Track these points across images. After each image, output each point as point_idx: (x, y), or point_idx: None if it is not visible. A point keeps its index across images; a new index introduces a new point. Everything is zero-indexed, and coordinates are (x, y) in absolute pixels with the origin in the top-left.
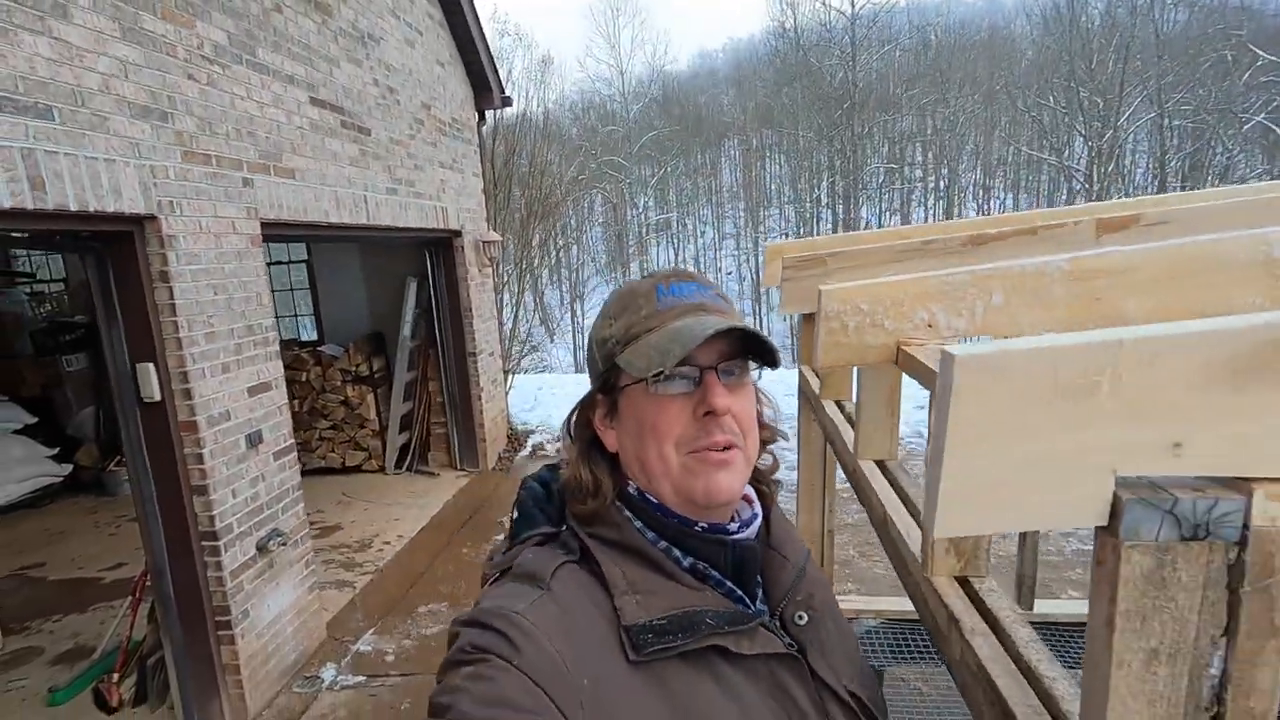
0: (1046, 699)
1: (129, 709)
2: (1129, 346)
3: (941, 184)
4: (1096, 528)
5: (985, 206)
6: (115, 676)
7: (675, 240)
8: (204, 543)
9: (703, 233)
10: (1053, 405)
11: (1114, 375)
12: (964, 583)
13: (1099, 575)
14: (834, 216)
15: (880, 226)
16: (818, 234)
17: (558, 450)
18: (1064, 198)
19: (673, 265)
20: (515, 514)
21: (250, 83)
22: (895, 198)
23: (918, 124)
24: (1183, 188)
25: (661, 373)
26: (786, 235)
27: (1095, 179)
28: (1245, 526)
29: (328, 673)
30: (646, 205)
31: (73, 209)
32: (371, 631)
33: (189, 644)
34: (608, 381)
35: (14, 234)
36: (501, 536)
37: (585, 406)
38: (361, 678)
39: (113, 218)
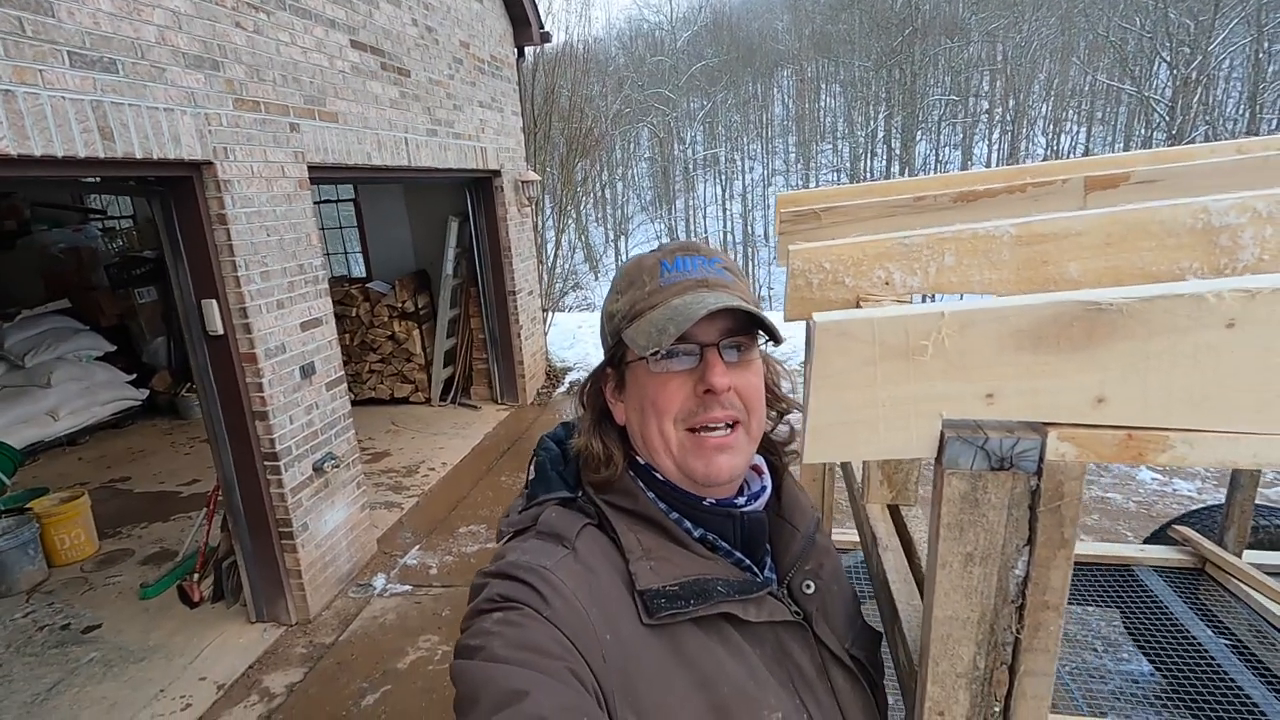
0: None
1: (208, 604)
2: (949, 317)
3: (1008, 117)
4: (935, 459)
5: (1055, 142)
6: (196, 576)
7: (723, 176)
8: (266, 462)
9: (751, 168)
10: (891, 362)
11: (937, 339)
12: (894, 510)
13: (933, 497)
14: (888, 152)
15: (938, 162)
16: (871, 170)
17: None
18: (1142, 132)
19: (685, 218)
20: (532, 474)
21: (294, 28)
22: (956, 132)
23: (986, 51)
24: (1279, 122)
25: (659, 351)
26: (838, 172)
27: (1178, 111)
28: (1041, 460)
29: (378, 581)
30: (694, 140)
31: (138, 156)
32: (417, 548)
33: (257, 551)
34: (616, 355)
35: (88, 179)
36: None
37: (597, 378)
38: (408, 587)
39: (173, 164)
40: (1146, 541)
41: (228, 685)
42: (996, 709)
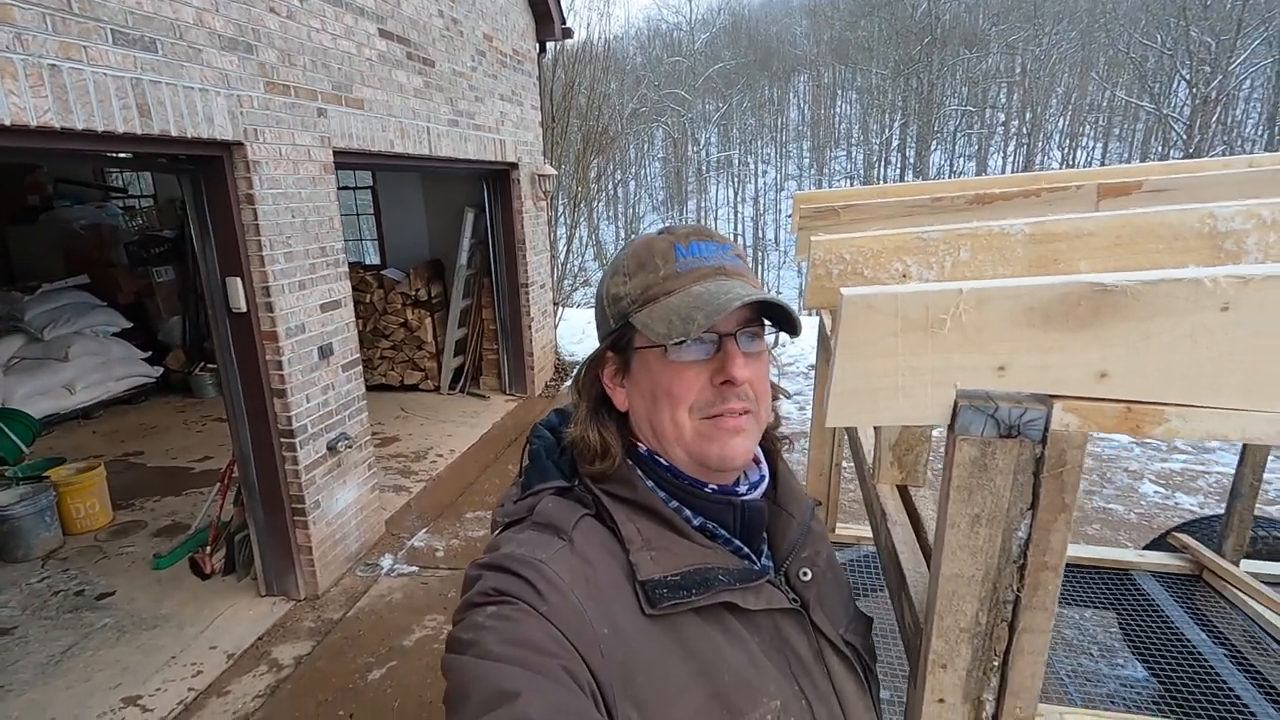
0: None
1: (220, 577)
2: (966, 293)
3: (1025, 129)
4: (948, 426)
5: (1071, 156)
6: (208, 549)
7: (736, 179)
8: (282, 439)
9: (764, 172)
10: (911, 334)
11: (955, 314)
12: (904, 491)
13: (945, 462)
14: (903, 160)
15: (953, 172)
16: (884, 178)
17: None
18: (1159, 149)
19: (697, 219)
20: (526, 462)
21: (325, 15)
22: (972, 142)
23: (1004, 63)
24: None
25: (684, 340)
26: (851, 179)
27: (1196, 130)
28: (1046, 429)
29: (386, 561)
30: (708, 141)
31: (173, 134)
32: (424, 530)
33: (270, 526)
34: (620, 340)
35: (122, 155)
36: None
37: (594, 364)
38: (415, 568)
39: (206, 143)
40: (1146, 548)
41: (237, 655)
42: (995, 663)
